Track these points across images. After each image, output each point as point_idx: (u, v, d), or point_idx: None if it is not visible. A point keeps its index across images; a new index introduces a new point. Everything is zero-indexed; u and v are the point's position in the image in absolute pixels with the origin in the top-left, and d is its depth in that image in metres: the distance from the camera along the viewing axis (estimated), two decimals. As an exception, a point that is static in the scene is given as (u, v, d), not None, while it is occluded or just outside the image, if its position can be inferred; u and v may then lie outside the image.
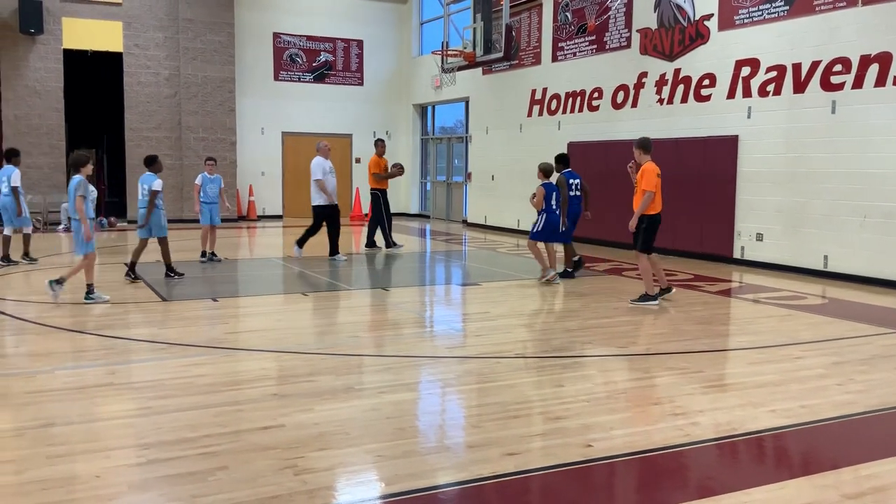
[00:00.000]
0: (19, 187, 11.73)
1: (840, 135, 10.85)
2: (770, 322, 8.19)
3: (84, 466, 4.00)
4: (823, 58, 11.03)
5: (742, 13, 12.28)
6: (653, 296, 8.83)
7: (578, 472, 4.05)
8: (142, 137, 19.59)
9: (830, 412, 5.03)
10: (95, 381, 5.61)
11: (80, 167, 8.64)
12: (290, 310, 8.75)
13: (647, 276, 8.90)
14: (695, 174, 13.05)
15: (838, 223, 10.92)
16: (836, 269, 10.97)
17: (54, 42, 18.55)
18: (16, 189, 11.65)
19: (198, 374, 5.81)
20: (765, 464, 4.32)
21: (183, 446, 4.26)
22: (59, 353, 6.57)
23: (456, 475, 3.94)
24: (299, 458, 4.12)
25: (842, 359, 6.48)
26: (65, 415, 4.87)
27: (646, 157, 8.87)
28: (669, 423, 4.79)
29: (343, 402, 5.13)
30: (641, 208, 8.71)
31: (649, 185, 8.65)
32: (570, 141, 16.08)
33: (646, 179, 8.68)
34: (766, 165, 11.92)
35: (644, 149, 8.94)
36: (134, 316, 8.23)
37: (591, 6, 15.54)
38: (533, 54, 17.34)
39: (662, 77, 13.87)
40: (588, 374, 5.98)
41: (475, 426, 4.74)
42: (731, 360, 6.68)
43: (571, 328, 7.90)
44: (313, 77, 22.14)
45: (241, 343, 6.95)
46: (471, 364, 6.30)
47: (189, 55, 19.80)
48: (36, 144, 18.32)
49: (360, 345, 6.95)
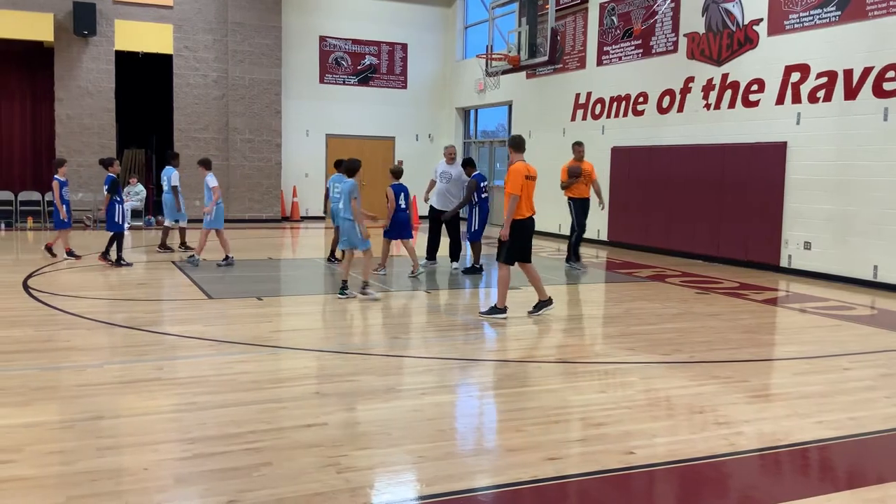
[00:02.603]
0: (178, 186, 13.26)
1: (892, 142, 10.60)
2: (817, 332, 8.04)
3: (132, 459, 4.09)
4: (876, 64, 10.80)
5: (792, 18, 12.08)
6: (502, 308, 8.15)
7: (619, 478, 4.03)
8: (190, 138, 19.92)
9: (878, 425, 4.93)
10: (143, 375, 5.73)
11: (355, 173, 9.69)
12: (333, 310, 8.82)
13: (500, 287, 8.20)
14: (741, 181, 12.87)
15: (889, 233, 10.67)
16: (885, 279, 10.72)
17: (107, 44, 18.96)
18: (175, 188, 13.18)
19: (242, 370, 5.89)
20: (810, 476, 4.25)
21: (227, 441, 4.33)
22: (109, 347, 6.72)
23: (495, 478, 3.94)
24: (342, 456, 4.16)
25: (891, 371, 6.34)
26: (113, 408, 4.99)
27: (517, 157, 8.28)
28: (713, 431, 4.73)
29: (384, 403, 5.16)
30: (507, 214, 7.99)
31: (513, 187, 7.96)
32: (614, 146, 15.97)
33: (510, 181, 8.00)
34: (815, 173, 11.71)
35: (513, 147, 8.39)
36: (180, 313, 8.38)
37: (638, 10, 15.43)
38: (578, 58, 17.26)
39: (710, 82, 13.71)
40: (630, 380, 5.94)
41: (516, 430, 4.74)
42: (776, 369, 6.58)
43: (613, 334, 7.86)
44: (357, 80, 22.31)
45: (285, 341, 7.03)
46: (511, 368, 6.30)
47: (237, 58, 20.09)
48: (87, 144, 18.74)
49: (402, 346, 6.98)
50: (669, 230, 14.54)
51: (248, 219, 20.43)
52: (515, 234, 8.11)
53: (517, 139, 8.47)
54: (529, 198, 8.18)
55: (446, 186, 11.76)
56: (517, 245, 8.18)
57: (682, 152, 14.22)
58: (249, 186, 20.53)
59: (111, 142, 19.16)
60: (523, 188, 8.03)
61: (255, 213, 20.66)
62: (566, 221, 17.79)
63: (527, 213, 8.16)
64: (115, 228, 11.38)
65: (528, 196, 8.15)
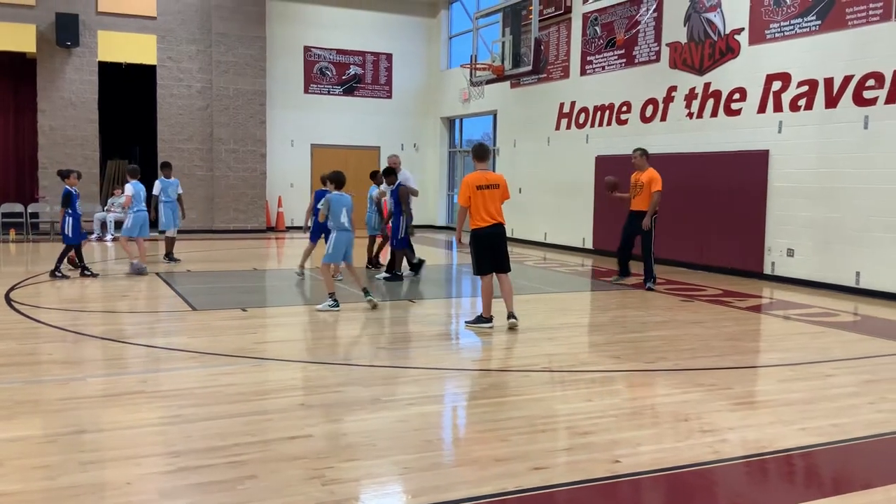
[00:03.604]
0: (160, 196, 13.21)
1: (873, 150, 10.72)
2: (801, 339, 8.09)
3: (115, 473, 4.06)
4: (856, 72, 10.93)
5: (773, 27, 12.20)
6: (487, 318, 8.14)
7: (605, 487, 4.03)
8: (174, 149, 19.86)
9: (862, 431, 4.96)
10: (127, 388, 5.69)
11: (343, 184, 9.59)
12: (318, 320, 8.80)
13: (483, 297, 8.20)
14: (724, 189, 12.96)
15: (871, 239, 10.77)
16: (868, 285, 10.82)
17: (90, 55, 18.90)
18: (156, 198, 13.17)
19: (227, 383, 5.86)
20: (795, 483, 4.27)
21: (212, 455, 4.31)
22: (92, 360, 6.67)
23: (482, 489, 3.93)
24: (327, 468, 4.14)
25: (874, 377, 6.39)
26: (96, 422, 4.95)
27: (479, 166, 8.12)
28: (698, 439, 4.75)
29: (370, 414, 5.15)
30: (457, 225, 8.23)
31: (461, 198, 7.97)
32: (598, 154, 16.06)
33: (460, 192, 8.01)
34: (798, 180, 11.81)
35: (474, 156, 8.16)
36: (164, 325, 8.33)
37: (621, 20, 15.54)
38: (561, 68, 17.35)
39: (692, 91, 13.82)
40: (616, 388, 5.95)
41: (502, 440, 4.73)
42: (760, 376, 6.61)
43: (599, 342, 7.88)
44: (342, 90, 22.33)
45: (270, 353, 7.00)
46: (498, 377, 6.30)
47: (221, 68, 20.07)
48: (70, 155, 18.63)
49: (387, 356, 6.97)
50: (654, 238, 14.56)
51: (233, 229, 20.37)
52: (473, 243, 8.07)
53: (476, 148, 8.20)
54: (488, 207, 7.93)
55: None
56: (479, 255, 8.07)
57: (665, 161, 14.26)
58: (234, 197, 20.48)
59: (94, 153, 19.08)
60: (477, 198, 7.90)
61: (240, 223, 20.60)
62: (552, 230, 17.97)
63: (483, 223, 7.96)
64: (67, 241, 11.29)
65: (486, 205, 7.93)
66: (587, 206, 16.46)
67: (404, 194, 11.57)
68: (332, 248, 9.21)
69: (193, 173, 19.99)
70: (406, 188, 11.66)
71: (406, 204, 11.58)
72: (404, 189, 11.59)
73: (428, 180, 23.05)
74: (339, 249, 9.20)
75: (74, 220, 11.16)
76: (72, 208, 11.17)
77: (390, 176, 11.75)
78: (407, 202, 11.60)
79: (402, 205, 11.54)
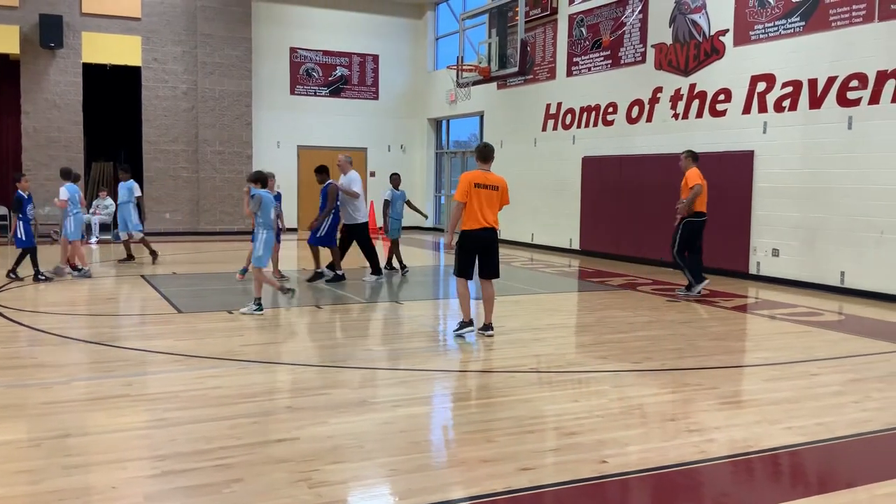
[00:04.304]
0: None
1: (856, 150, 10.80)
2: (786, 338, 8.14)
3: (100, 477, 4.03)
4: (839, 73, 11.00)
5: (757, 28, 12.27)
6: (468, 322, 7.76)
7: (593, 487, 4.04)
8: (159, 150, 19.77)
9: (847, 430, 4.99)
10: (111, 392, 5.65)
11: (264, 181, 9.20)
12: (305, 322, 8.78)
13: (460, 302, 7.86)
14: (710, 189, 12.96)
15: (855, 239, 10.85)
16: (852, 285, 10.90)
17: (74, 56, 18.77)
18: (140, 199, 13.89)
19: (213, 385, 5.83)
20: (780, 482, 4.29)
21: (198, 458, 4.28)
22: (76, 364, 6.62)
23: (469, 490, 3.93)
24: (314, 471, 4.13)
25: (858, 376, 6.43)
26: (81, 426, 4.91)
27: (480, 167, 7.76)
28: (685, 439, 4.77)
29: (357, 416, 5.14)
30: (450, 222, 7.79)
31: (459, 193, 7.54)
32: (585, 155, 16.10)
33: (458, 187, 7.58)
34: (782, 181, 11.88)
35: (477, 156, 7.80)
36: (150, 327, 8.28)
37: (606, 21, 15.58)
38: (548, 69, 17.39)
39: (677, 92, 13.87)
40: (603, 389, 5.97)
41: (489, 441, 4.73)
42: (746, 376, 6.64)
43: (586, 343, 7.90)
44: (329, 91, 22.29)
45: (256, 355, 6.97)
46: (485, 378, 6.30)
47: (207, 69, 19.99)
48: (55, 157, 18.50)
49: (374, 358, 6.96)
50: (640, 239, 14.66)
51: (219, 231, 20.28)
52: (460, 245, 7.66)
53: (481, 148, 7.79)
54: (483, 209, 7.51)
55: (342, 197, 11.75)
56: (463, 257, 7.65)
57: (651, 161, 14.36)
58: (220, 198, 20.40)
59: (79, 155, 18.95)
60: (473, 197, 7.47)
61: (226, 225, 20.52)
62: (539, 231, 17.99)
63: (476, 225, 7.52)
64: (20, 245, 11.18)
65: (482, 207, 7.50)
66: (574, 207, 16.50)
67: (333, 193, 11.38)
68: (263, 248, 8.97)
69: (179, 175, 19.90)
70: (335, 186, 11.45)
71: (333, 203, 11.38)
72: (333, 187, 11.42)
73: (415, 182, 23.03)
74: (269, 250, 9.07)
75: (25, 223, 11.08)
76: (22, 213, 11.09)
77: (321, 174, 11.66)
78: (333, 201, 11.38)
79: (329, 203, 11.35)
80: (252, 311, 8.81)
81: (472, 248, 7.64)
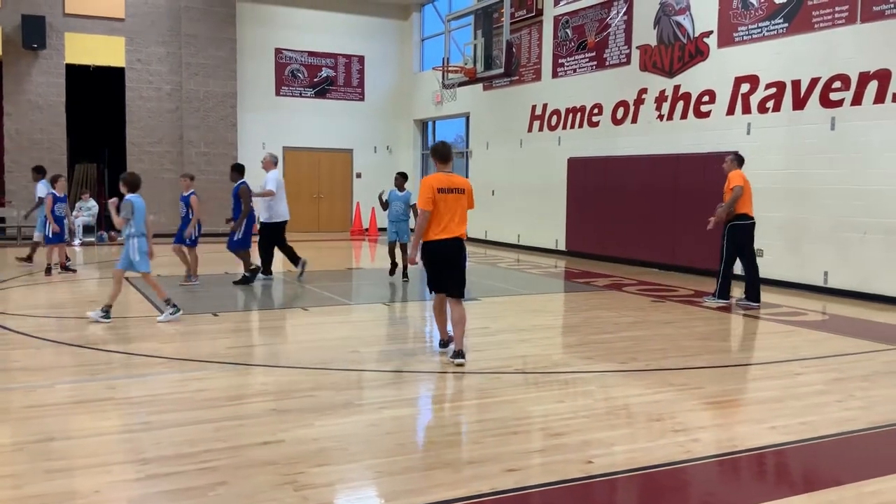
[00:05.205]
0: None
1: (839, 151, 10.88)
2: (770, 338, 8.18)
3: (83, 481, 3.99)
4: (822, 74, 11.08)
5: (741, 30, 12.34)
6: (444, 341, 7.08)
7: (579, 488, 4.04)
8: (143, 152, 19.65)
9: (831, 429, 5.02)
10: (95, 395, 5.60)
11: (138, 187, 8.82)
12: (290, 325, 8.75)
13: (436, 319, 7.10)
14: (695, 190, 13.07)
15: (838, 239, 10.93)
16: (836, 285, 10.97)
17: (57, 57, 18.64)
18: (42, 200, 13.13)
19: (197, 388, 5.80)
20: (766, 481, 4.31)
21: (182, 461, 4.25)
22: (59, 367, 6.56)
23: (455, 491, 3.92)
24: (299, 473, 4.11)
25: (842, 375, 6.47)
26: (64, 429, 4.86)
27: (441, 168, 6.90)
28: (670, 439, 4.78)
29: (343, 418, 5.12)
30: (415, 232, 6.86)
31: (422, 201, 6.66)
32: (571, 157, 16.13)
33: (420, 194, 6.75)
34: (766, 181, 11.93)
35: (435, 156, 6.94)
36: (134, 330, 8.22)
37: (591, 23, 15.63)
38: (533, 70, 17.42)
39: (662, 93, 13.93)
40: (588, 389, 5.97)
41: (475, 442, 4.73)
42: (731, 376, 6.67)
43: (572, 343, 7.91)
44: (314, 92, 22.24)
45: (241, 358, 6.94)
46: (471, 379, 6.29)
47: (191, 70, 19.89)
48: (37, 159, 18.27)
49: (360, 360, 6.94)
50: (626, 239, 14.70)
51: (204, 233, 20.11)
52: (425, 257, 6.82)
53: (439, 148, 6.92)
54: (449, 216, 6.66)
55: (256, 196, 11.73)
56: (433, 271, 6.84)
57: (637, 163, 14.40)
58: (204, 200, 20.19)
59: (62, 156, 18.82)
60: (438, 204, 6.62)
61: (211, 226, 20.29)
62: (526, 232, 18.02)
63: (443, 234, 6.66)
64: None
65: (447, 214, 6.65)
66: (560, 207, 16.53)
67: (244, 193, 11.18)
68: (139, 254, 8.43)
69: (163, 176, 19.78)
70: (246, 186, 11.24)
71: (248, 204, 11.16)
72: (245, 188, 11.23)
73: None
74: (145, 255, 8.52)
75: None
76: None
77: (234, 172, 11.49)
78: (248, 202, 11.17)
79: (245, 205, 11.17)
80: (169, 317, 8.45)
81: (435, 259, 6.79)
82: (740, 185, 9.78)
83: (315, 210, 22.61)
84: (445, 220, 6.66)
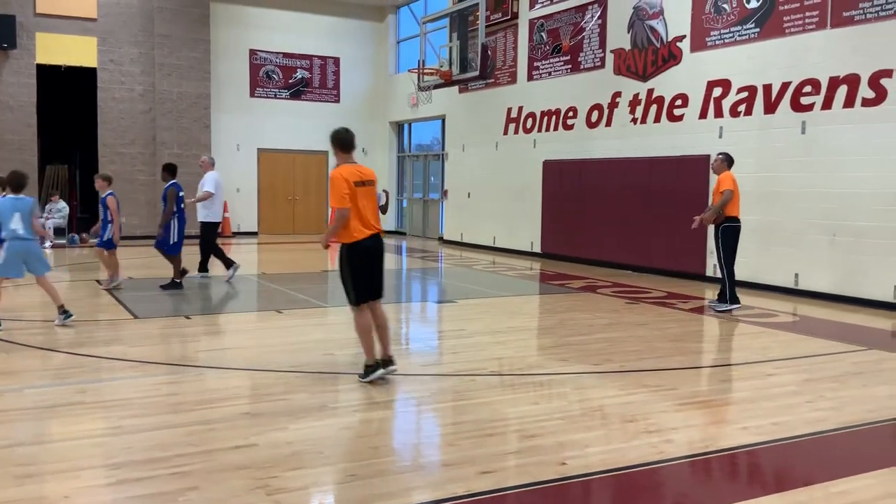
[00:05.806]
0: None
1: (810, 155, 11.02)
2: (742, 339, 8.26)
3: (53, 487, 3.94)
4: (793, 79, 11.22)
5: (714, 35, 12.46)
6: (372, 365, 6.10)
7: (554, 490, 4.05)
8: (115, 153, 19.44)
9: (802, 429, 5.08)
10: (65, 399, 5.53)
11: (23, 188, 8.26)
12: (264, 327, 8.69)
13: (361, 338, 6.15)
14: (668, 193, 13.18)
15: (809, 242, 11.06)
16: (806, 286, 11.10)
17: (27, 57, 18.40)
18: None
19: (169, 392, 5.74)
20: (738, 481, 4.35)
21: (153, 466, 4.21)
22: (28, 371, 6.47)
23: (430, 494, 3.92)
24: (272, 477, 4.08)
25: (812, 376, 6.55)
26: (34, 434, 4.80)
27: (343, 158, 6.40)
28: (644, 440, 4.81)
29: (317, 421, 5.09)
30: (330, 233, 6.29)
31: (337, 199, 6.00)
32: (546, 159, 16.19)
33: (332, 191, 6.11)
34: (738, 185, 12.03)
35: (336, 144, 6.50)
36: (104, 333, 8.12)
37: (566, 27, 15.71)
38: (509, 73, 17.47)
39: (636, 97, 14.03)
40: (563, 391, 5.99)
41: (450, 444, 4.73)
42: (703, 377, 6.73)
43: (547, 345, 7.93)
44: (289, 94, 22.14)
45: (214, 361, 6.88)
46: (446, 382, 6.29)
47: (164, 71, 19.71)
48: (8, 160, 18.03)
49: (335, 362, 6.91)
50: (600, 242, 14.78)
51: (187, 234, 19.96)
52: (351, 261, 6.08)
53: (341, 135, 6.39)
54: (367, 211, 6.12)
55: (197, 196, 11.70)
56: (357, 277, 6.09)
57: (611, 165, 14.49)
58: (178, 202, 20.08)
59: (33, 157, 18.56)
60: (359, 197, 6.06)
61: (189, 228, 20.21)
62: (501, 234, 18.06)
63: (367, 231, 6.07)
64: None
65: (364, 208, 6.09)
66: (535, 210, 16.58)
67: (171, 195, 10.98)
68: (3, 259, 7.94)
69: (136, 178, 19.60)
70: (175, 189, 11.01)
71: (172, 205, 10.93)
72: (173, 190, 11.02)
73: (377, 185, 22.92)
74: (13, 261, 7.94)
75: None
76: None
77: (165, 172, 11.24)
78: (174, 203, 10.93)
79: (169, 205, 10.94)
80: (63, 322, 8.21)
81: (365, 263, 6.11)
82: (731, 189, 9.78)
83: (290, 212, 22.51)
84: (366, 215, 6.08)
